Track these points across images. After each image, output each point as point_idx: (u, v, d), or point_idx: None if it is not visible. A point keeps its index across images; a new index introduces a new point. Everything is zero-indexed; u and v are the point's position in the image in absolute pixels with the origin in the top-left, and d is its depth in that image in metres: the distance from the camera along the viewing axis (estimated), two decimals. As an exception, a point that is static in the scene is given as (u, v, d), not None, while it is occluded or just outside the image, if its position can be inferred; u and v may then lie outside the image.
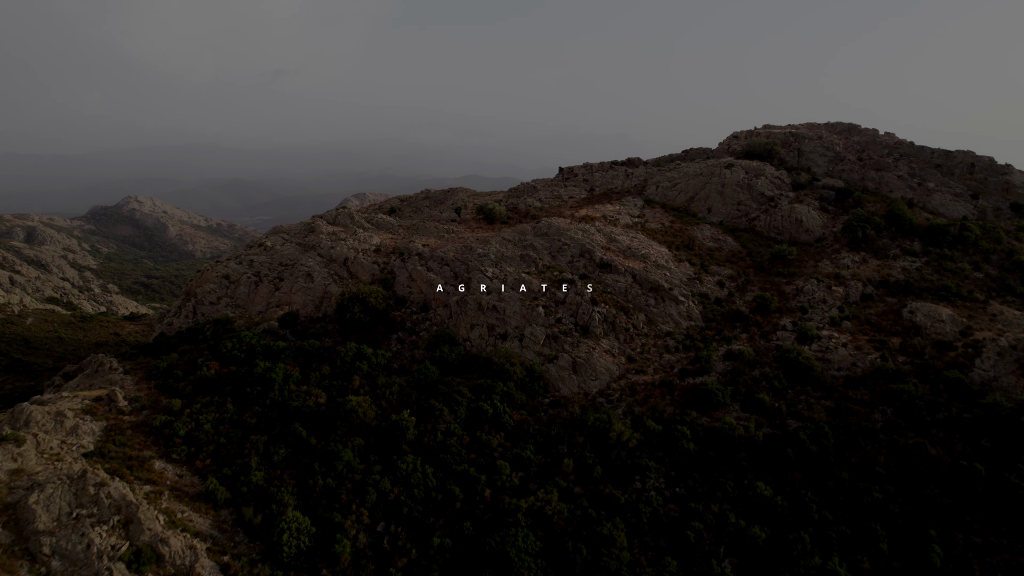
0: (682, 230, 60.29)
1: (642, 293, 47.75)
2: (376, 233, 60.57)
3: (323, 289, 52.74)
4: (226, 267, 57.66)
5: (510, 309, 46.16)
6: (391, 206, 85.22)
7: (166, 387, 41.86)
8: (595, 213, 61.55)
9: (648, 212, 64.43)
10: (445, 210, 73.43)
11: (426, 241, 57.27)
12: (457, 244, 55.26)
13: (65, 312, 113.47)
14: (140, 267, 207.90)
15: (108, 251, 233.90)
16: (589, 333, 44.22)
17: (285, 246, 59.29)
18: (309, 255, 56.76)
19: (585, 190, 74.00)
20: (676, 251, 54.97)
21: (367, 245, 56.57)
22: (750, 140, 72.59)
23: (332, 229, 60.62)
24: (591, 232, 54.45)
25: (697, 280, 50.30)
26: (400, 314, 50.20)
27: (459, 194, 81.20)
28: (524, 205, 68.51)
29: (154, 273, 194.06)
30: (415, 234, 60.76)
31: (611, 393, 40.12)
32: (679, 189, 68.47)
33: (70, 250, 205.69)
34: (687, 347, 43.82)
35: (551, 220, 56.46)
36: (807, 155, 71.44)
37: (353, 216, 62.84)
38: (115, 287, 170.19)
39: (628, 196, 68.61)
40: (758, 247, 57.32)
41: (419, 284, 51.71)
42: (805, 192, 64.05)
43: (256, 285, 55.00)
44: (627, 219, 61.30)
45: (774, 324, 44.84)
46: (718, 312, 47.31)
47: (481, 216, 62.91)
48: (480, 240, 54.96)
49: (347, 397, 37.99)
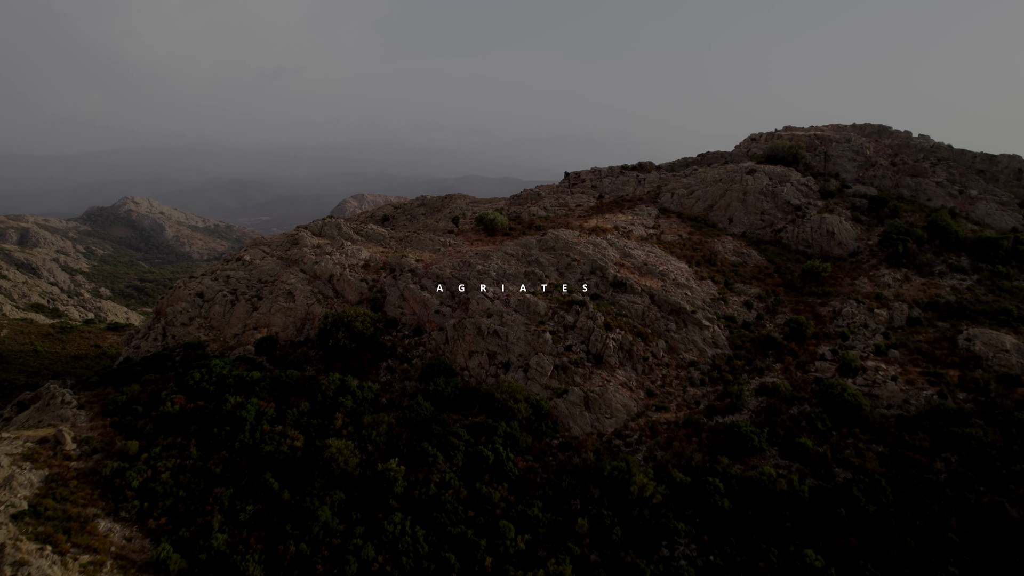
0: (702, 242, 56.43)
1: (661, 316, 43.84)
2: (365, 246, 56.74)
3: (305, 310, 48.89)
4: (200, 283, 53.83)
5: (513, 335, 42.26)
6: (384, 213, 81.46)
7: (124, 425, 37.96)
8: (606, 224, 57.71)
9: (664, 222, 60.57)
10: (442, 219, 69.62)
11: (420, 255, 53.45)
12: (454, 259, 51.43)
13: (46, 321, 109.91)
14: (134, 270, 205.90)
15: (103, 253, 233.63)
16: (603, 363, 40.31)
17: (265, 260, 55.48)
18: (291, 271, 52.93)
19: (593, 197, 70.18)
20: (697, 267, 51.09)
21: (355, 260, 52.72)
22: (773, 143, 68.84)
23: (317, 242, 56.81)
24: (603, 246, 50.60)
25: (722, 301, 46.40)
26: (390, 338, 46.35)
27: (457, 201, 77.43)
28: (528, 214, 64.70)
29: (148, 276, 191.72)
30: (408, 247, 56.94)
31: (629, 434, 36.19)
32: (696, 197, 64.65)
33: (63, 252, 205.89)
34: (714, 379, 39.89)
35: (558, 232, 52.62)
36: (835, 159, 67.66)
37: (340, 227, 59.03)
38: (107, 291, 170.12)
39: (641, 204, 64.79)
40: (786, 262, 53.44)
41: (412, 304, 47.86)
42: (835, 200, 60.24)
43: (232, 304, 51.16)
44: (641, 230, 57.45)
45: (811, 352, 40.92)
46: (747, 338, 43.38)
47: (481, 227, 59.12)
48: (480, 255, 51.13)
49: (327, 441, 34.09)
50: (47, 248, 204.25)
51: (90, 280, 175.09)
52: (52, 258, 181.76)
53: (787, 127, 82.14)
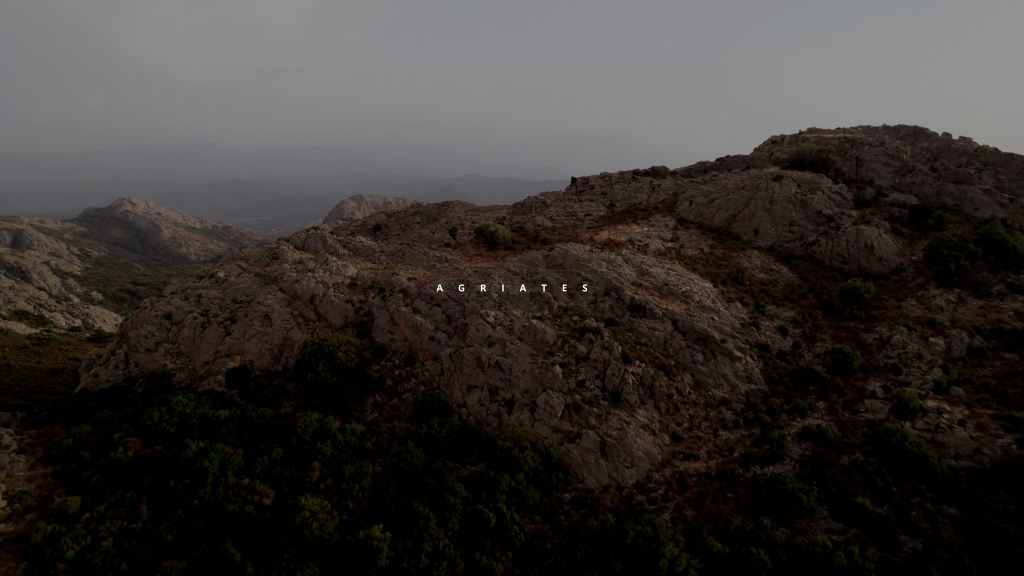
0: (726, 257, 52.23)
1: (686, 346, 39.57)
2: (352, 261, 52.56)
3: (283, 335, 44.69)
4: (168, 303, 49.64)
5: (518, 367, 38.01)
6: (376, 222, 77.33)
7: (67, 475, 33.76)
8: (620, 237, 53.52)
9: (683, 235, 56.37)
10: (438, 229, 65.46)
11: (413, 273, 49.25)
12: (451, 277, 47.24)
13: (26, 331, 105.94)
14: (128, 272, 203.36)
15: (98, 255, 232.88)
16: (621, 401, 36.03)
17: (241, 278, 51.30)
18: (269, 290, 48.74)
19: (604, 206, 66.02)
20: (723, 287, 46.87)
21: (340, 278, 48.54)
22: (799, 147, 64.71)
23: (299, 256, 52.64)
24: (617, 263, 46.40)
25: (753, 326, 42.15)
26: (379, 368, 42.14)
27: (455, 209, 73.28)
28: (532, 225, 60.54)
29: (141, 279, 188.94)
30: (400, 262, 52.75)
31: (653, 488, 31.93)
32: (718, 206, 60.48)
33: (56, 254, 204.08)
34: (749, 421, 35.60)
35: (566, 247, 48.43)
36: (868, 164, 63.52)
37: (325, 240, 54.84)
38: (99, 294, 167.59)
39: (656, 214, 60.60)
40: (821, 280, 49.23)
41: (403, 330, 43.64)
42: (871, 210, 56.06)
43: (203, 328, 46.97)
44: (659, 244, 53.25)
45: (859, 389, 36.66)
46: (784, 370, 39.10)
47: (481, 240, 54.92)
48: (479, 272, 46.93)
49: (301, 499, 29.81)
50: (40, 250, 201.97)
51: (82, 283, 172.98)
52: (43, 261, 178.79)
53: (811, 129, 78.06)
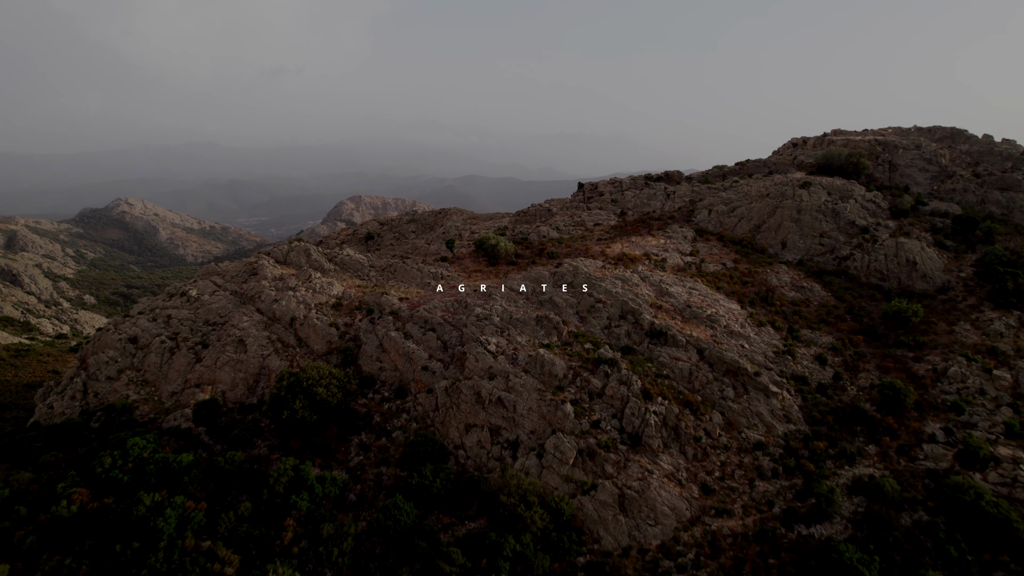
0: (751, 273, 48.28)
1: (714, 378, 35.58)
2: (339, 278, 48.64)
3: (259, 363, 40.73)
4: (135, 325, 45.70)
5: (523, 404, 34.05)
6: (368, 230, 73.39)
7: (1, 534, 29.55)
8: (634, 250, 49.60)
9: (702, 247, 52.44)
10: (434, 240, 61.52)
11: (405, 291, 45.31)
12: (447, 298, 43.29)
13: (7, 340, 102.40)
14: (123, 274, 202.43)
15: (94, 256, 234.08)
16: (642, 445, 32.06)
17: (216, 296, 47.35)
18: (245, 311, 44.80)
19: (614, 214, 62.11)
20: (751, 308, 42.91)
21: (324, 297, 44.59)
22: (827, 151, 60.81)
23: (280, 272, 48.71)
24: (633, 282, 42.45)
25: (788, 355, 38.16)
26: (366, 402, 38.21)
27: (453, 218, 69.36)
28: (537, 236, 56.60)
29: (135, 282, 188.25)
30: (391, 279, 48.81)
31: (682, 551, 27.95)
32: (740, 215, 56.55)
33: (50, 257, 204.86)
34: (789, 469, 31.59)
35: (576, 263, 44.52)
36: (902, 170, 59.63)
37: (310, 253, 50.89)
38: (91, 298, 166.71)
39: (673, 224, 56.67)
40: (859, 300, 45.26)
41: (393, 357, 39.69)
42: (910, 221, 52.13)
43: (172, 354, 43.04)
44: (677, 258, 49.31)
45: (916, 432, 32.65)
46: (825, 407, 35.09)
47: (481, 254, 50.96)
48: (479, 292, 42.98)
49: (269, 568, 25.73)
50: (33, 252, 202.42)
51: (74, 287, 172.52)
52: (36, 264, 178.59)
53: (836, 130, 74.25)
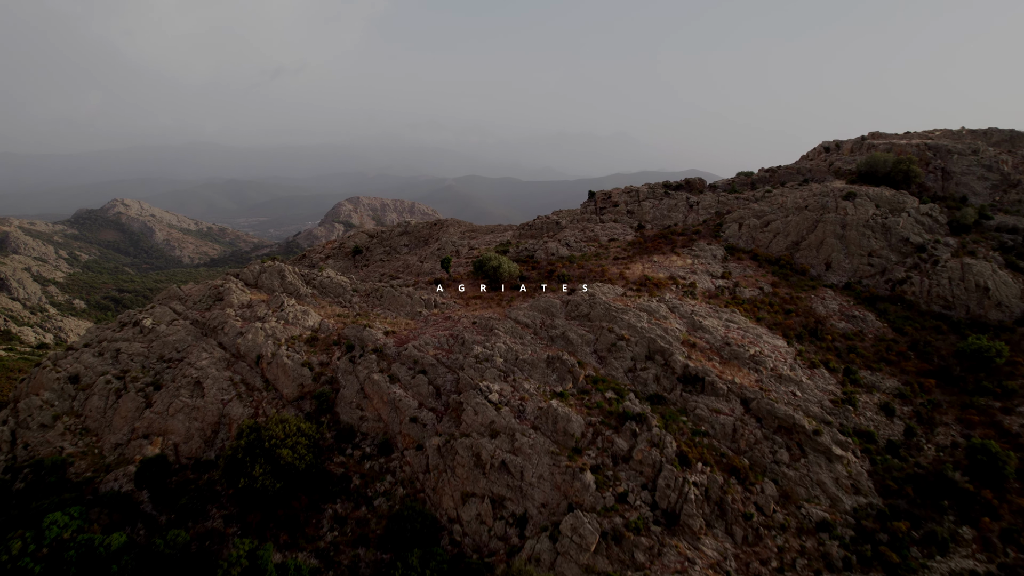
0: (794, 300, 42.84)
1: (764, 437, 30.09)
2: (316, 304, 43.23)
3: (218, 410, 35.34)
4: (77, 361, 40.32)
5: (532, 470, 28.65)
6: (356, 243, 68.01)
7: None
8: (657, 272, 44.19)
9: (735, 268, 47.03)
10: (428, 257, 56.11)
11: (392, 323, 39.89)
12: (442, 331, 37.88)
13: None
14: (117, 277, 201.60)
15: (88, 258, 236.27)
16: (680, 525, 26.61)
17: (174, 327, 41.95)
18: (206, 345, 39.40)
19: (631, 228, 56.69)
20: (799, 344, 37.47)
21: (298, 330, 39.19)
22: (870, 156, 55.40)
23: (249, 298, 43.35)
24: (661, 313, 37.02)
25: (848, 404, 32.70)
26: (343, 460, 32.88)
27: (449, 230, 63.98)
28: (544, 253, 51.16)
29: (127, 286, 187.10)
30: (377, 306, 43.39)
31: (736, 674, 22.29)
32: (775, 230, 51.15)
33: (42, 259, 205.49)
34: (864, 559, 26.12)
35: (593, 290, 39.15)
36: (957, 178, 54.23)
37: (284, 275, 45.49)
38: (81, 302, 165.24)
39: (699, 240, 51.27)
40: (922, 332, 39.80)
41: (376, 405, 34.28)
42: (973, 238, 46.72)
43: (118, 397, 37.70)
44: (707, 282, 43.89)
45: (1021, 508, 27.01)
46: (900, 473, 29.61)
47: (481, 276, 45.47)
48: (479, 325, 37.61)
49: None
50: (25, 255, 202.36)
51: (64, 291, 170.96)
52: (25, 267, 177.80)
53: (875, 133, 68.89)
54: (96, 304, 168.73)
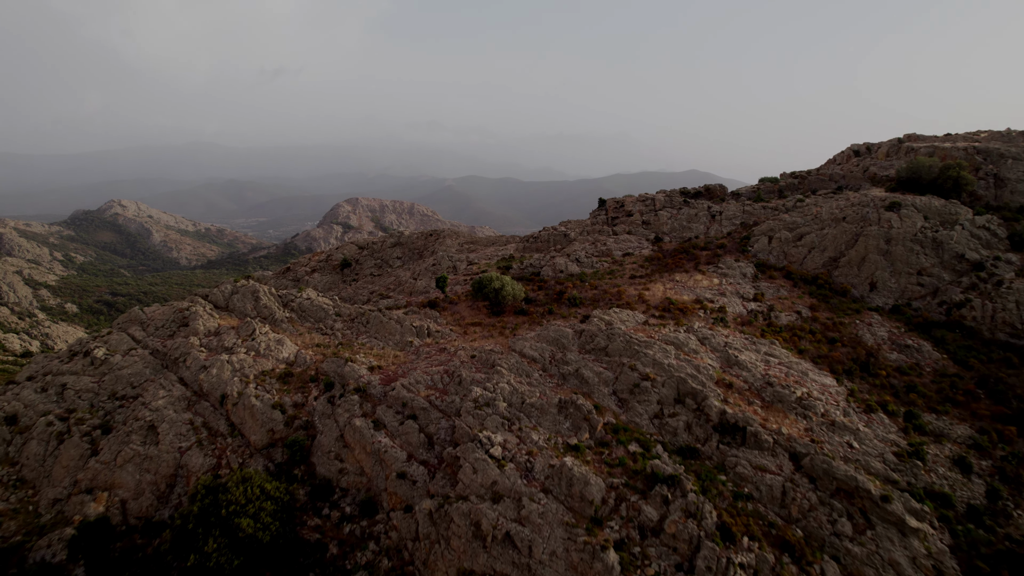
0: (837, 327, 38.35)
1: (820, 502, 25.55)
2: (293, 331, 38.80)
3: (175, 460, 30.93)
4: (16, 398, 35.92)
5: (543, 545, 24.15)
6: (344, 256, 63.57)
7: None
8: (681, 294, 39.72)
9: (767, 288, 42.55)
10: (422, 273, 51.64)
11: (379, 354, 35.42)
12: (435, 367, 33.43)
13: None
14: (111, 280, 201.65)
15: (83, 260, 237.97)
16: (724, 621, 21.93)
17: (130, 357, 37.50)
18: (164, 380, 34.93)
19: (647, 240, 52.24)
20: (849, 381, 32.95)
21: (270, 363, 34.75)
22: (914, 161, 50.90)
23: (218, 323, 38.91)
24: (690, 347, 32.55)
25: (916, 459, 28.20)
26: (319, 523, 28.47)
27: (446, 242, 59.50)
28: (552, 270, 46.69)
29: (121, 289, 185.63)
30: (363, 333, 38.92)
31: None
32: (809, 244, 46.69)
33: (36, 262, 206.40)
34: (957, 666, 21.37)
35: (610, 316, 34.71)
36: (1012, 185, 49.77)
37: (258, 297, 41.06)
38: (73, 306, 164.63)
39: (725, 256, 46.82)
40: (990, 365, 35.28)
41: (358, 456, 29.85)
42: (1037, 254, 42.08)
43: (60, 442, 33.31)
44: (739, 306, 39.42)
45: None
46: (987, 547, 25.03)
47: (480, 298, 40.94)
48: (479, 359, 33.16)
49: None
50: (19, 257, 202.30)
51: (56, 295, 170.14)
52: (16, 270, 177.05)
53: (911, 135, 64.44)
54: (88, 308, 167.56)
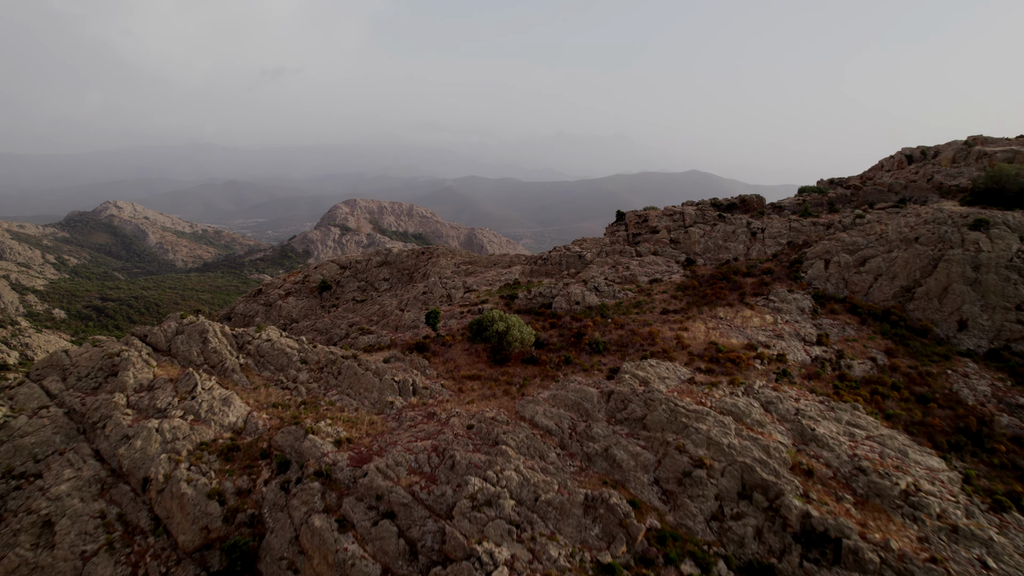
0: (925, 379, 31.54)
1: (958, 660, 18.47)
2: (247, 385, 31.98)
3: (74, 570, 24.02)
4: None
5: None
6: (323, 276, 56.73)
7: None
8: (728, 335, 32.96)
9: (830, 326, 35.76)
10: (411, 302, 44.78)
11: (351, 420, 28.64)
12: (420, 441, 26.68)
13: None
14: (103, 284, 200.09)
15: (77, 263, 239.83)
16: None
17: (38, 420, 30.78)
18: (74, 453, 28.22)
19: (677, 263, 45.47)
20: (958, 458, 25.98)
21: (211, 431, 27.99)
22: (996, 169, 44.12)
23: (153, 373, 32.14)
24: (752, 417, 25.77)
25: (1073, 581, 21.04)
26: (260, 665, 21.23)
27: (440, 262, 52.62)
28: (567, 302, 39.84)
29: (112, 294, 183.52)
30: (333, 388, 32.09)
31: None
32: (874, 270, 39.90)
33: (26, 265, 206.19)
34: None
35: (645, 371, 28.00)
36: (1113, 200, 42.71)
37: (207, 338, 34.26)
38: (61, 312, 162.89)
39: (775, 285, 40.03)
40: None
41: (318, 568, 23.21)
42: None
43: (-63, 535, 26.08)
44: (800, 351, 32.63)
45: None
46: None
47: (480, 342, 33.96)
48: (477, 433, 26.42)
49: None
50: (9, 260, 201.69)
51: (44, 300, 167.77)
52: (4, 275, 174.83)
53: (975, 137, 57.59)
54: (77, 314, 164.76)
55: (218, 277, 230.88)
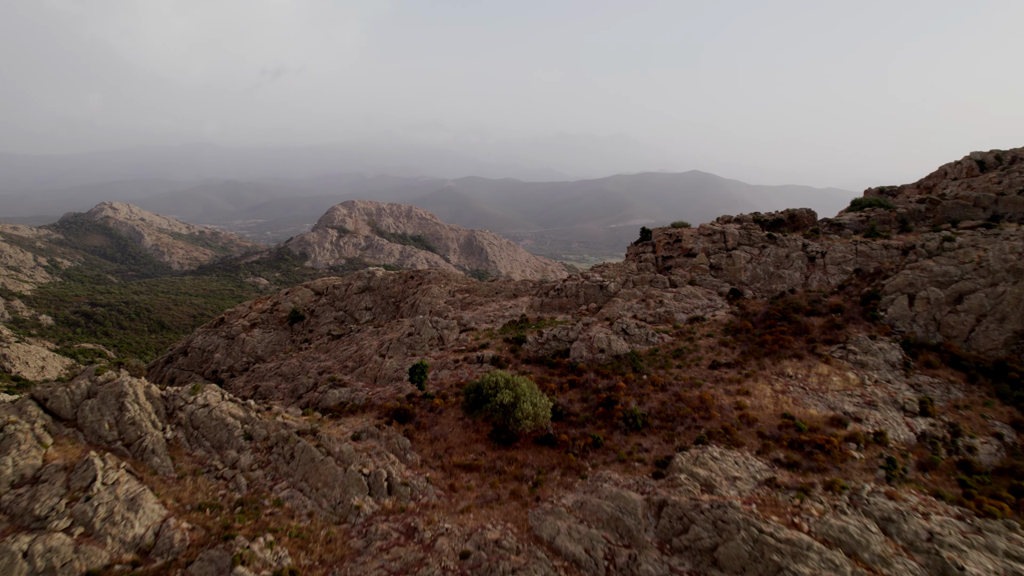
0: (1075, 467, 23.75)
1: None
2: (165, 474, 24.76)
3: None
4: None
5: None
6: (294, 306, 49.38)
7: None
8: (805, 403, 25.76)
9: (928, 385, 28.45)
10: (394, 346, 37.33)
11: (300, 535, 21.26)
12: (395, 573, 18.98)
13: None
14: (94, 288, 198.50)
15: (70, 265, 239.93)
16: None
17: None
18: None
19: (719, 295, 38.13)
20: None
21: (105, 553, 20.86)
22: (1115, 182, 36.36)
23: (44, 455, 24.70)
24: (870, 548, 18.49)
25: None
26: None
27: (432, 289, 45.15)
28: (589, 351, 32.39)
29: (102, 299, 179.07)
30: (283, 478, 24.67)
31: None
32: (976, 308, 32.59)
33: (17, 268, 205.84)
34: None
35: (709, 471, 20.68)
36: None
37: (124, 405, 26.93)
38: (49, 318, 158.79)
39: (850, 328, 32.42)
40: None
41: None
42: None
43: None
44: (899, 425, 25.38)
45: None
46: None
47: (479, 415, 26.38)
48: (474, 567, 18.81)
49: None
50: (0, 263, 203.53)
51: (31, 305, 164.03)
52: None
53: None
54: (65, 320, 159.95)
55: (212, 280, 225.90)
